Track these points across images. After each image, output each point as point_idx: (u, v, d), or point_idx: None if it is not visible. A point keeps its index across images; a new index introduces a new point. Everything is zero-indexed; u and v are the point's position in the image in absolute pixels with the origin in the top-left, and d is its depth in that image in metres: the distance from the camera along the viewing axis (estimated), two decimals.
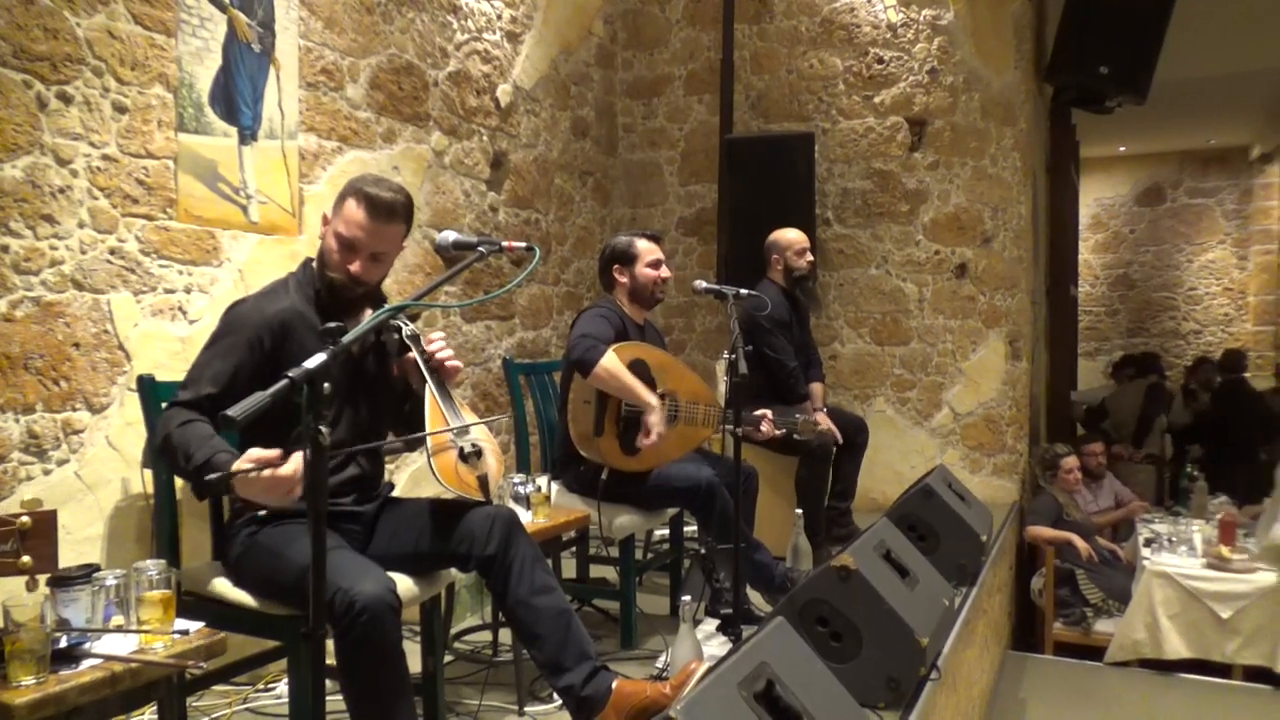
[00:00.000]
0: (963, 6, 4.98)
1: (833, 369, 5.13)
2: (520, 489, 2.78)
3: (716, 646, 2.68)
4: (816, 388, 4.09)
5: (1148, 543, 5.09)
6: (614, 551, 3.24)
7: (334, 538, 1.95)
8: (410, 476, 3.57)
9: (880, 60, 5.10)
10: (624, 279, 3.17)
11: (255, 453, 1.73)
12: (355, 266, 2.11)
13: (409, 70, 3.65)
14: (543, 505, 2.78)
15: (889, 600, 2.33)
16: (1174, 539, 5.02)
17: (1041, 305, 6.50)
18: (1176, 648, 4.57)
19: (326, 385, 1.32)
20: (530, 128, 4.55)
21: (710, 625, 2.84)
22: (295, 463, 1.72)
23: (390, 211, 2.11)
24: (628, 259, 3.16)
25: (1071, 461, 5.41)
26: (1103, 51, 5.41)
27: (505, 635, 2.96)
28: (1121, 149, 10.99)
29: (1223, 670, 4.57)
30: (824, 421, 3.69)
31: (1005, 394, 5.06)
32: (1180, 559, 4.79)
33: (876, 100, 5.12)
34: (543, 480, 2.83)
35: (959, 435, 5.08)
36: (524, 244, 1.91)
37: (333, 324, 1.40)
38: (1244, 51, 7.56)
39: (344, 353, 1.41)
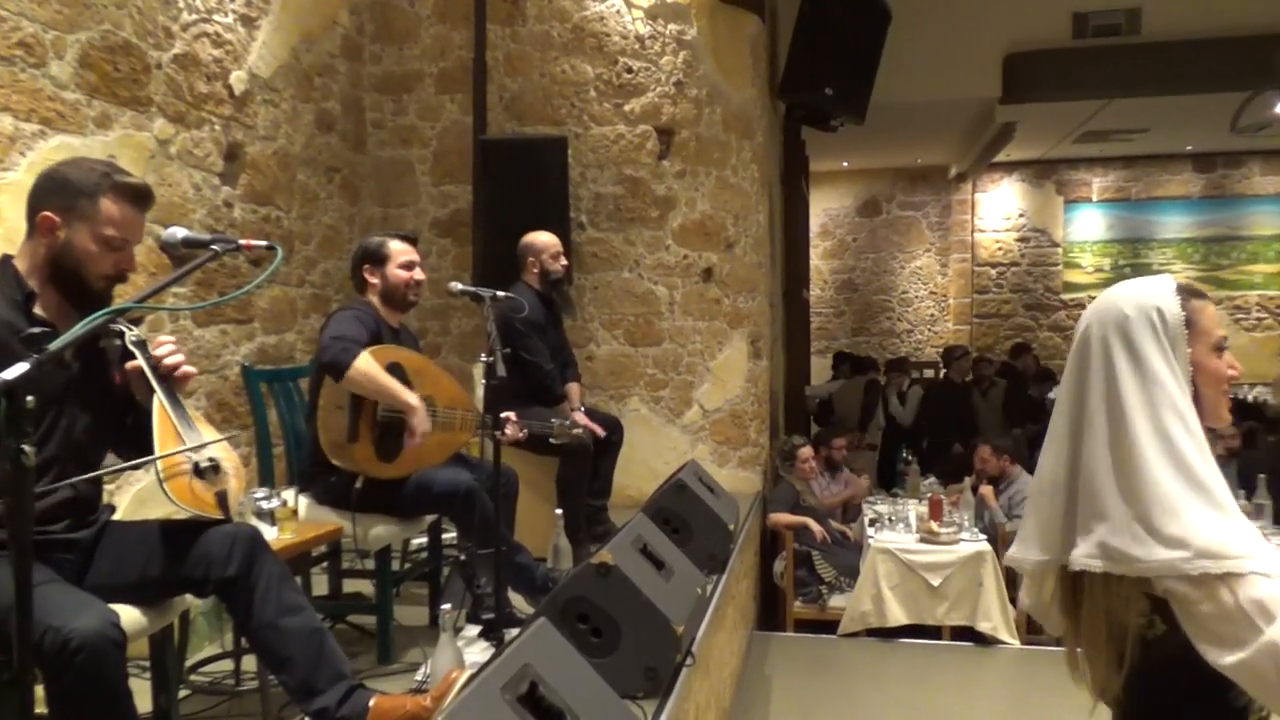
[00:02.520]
0: (705, 24, 5.24)
1: (589, 370, 5.23)
2: (263, 504, 2.61)
3: (479, 653, 2.64)
4: (573, 389, 4.15)
5: (872, 523, 5.62)
6: (369, 564, 3.11)
7: (43, 570, 1.73)
8: (134, 497, 3.23)
9: (630, 70, 5.26)
10: (375, 280, 3.06)
11: None
12: (126, 263, 1.96)
13: (127, 49, 3.31)
14: (289, 520, 2.62)
15: (646, 592, 2.40)
16: (893, 518, 5.58)
17: (779, 307, 6.99)
18: (897, 615, 5.07)
19: (30, 398, 1.17)
20: (269, 119, 4.27)
21: (472, 632, 2.80)
22: None
23: (148, 195, 1.99)
24: (379, 259, 3.05)
25: (807, 452, 5.86)
26: (828, 74, 5.90)
27: (250, 662, 2.76)
28: (845, 164, 12.04)
29: (934, 632, 5.13)
30: (582, 421, 3.75)
31: (748, 391, 5.39)
32: (898, 535, 5.33)
33: (627, 108, 5.28)
34: (289, 494, 2.67)
35: (708, 431, 5.35)
36: (264, 242, 1.80)
37: (36, 329, 1.24)
38: (943, 81, 8.53)
39: (52, 361, 1.25)
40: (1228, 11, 7.83)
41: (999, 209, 12.30)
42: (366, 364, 2.73)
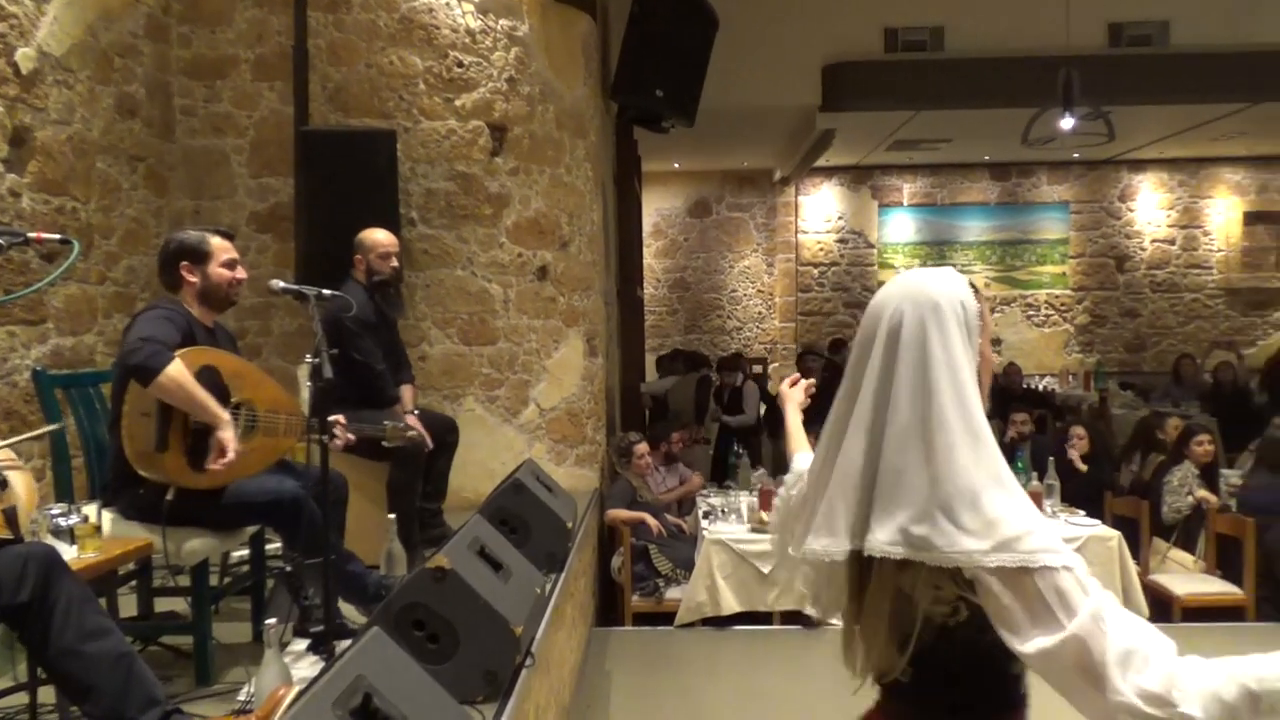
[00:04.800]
0: (536, 21, 5.22)
1: (422, 370, 5.10)
2: (60, 521, 2.39)
3: (308, 668, 2.53)
4: (406, 390, 4.04)
5: (706, 515, 5.77)
6: (184, 580, 2.91)
7: None
8: None
9: (460, 64, 5.16)
10: (194, 279, 2.86)
11: None
12: None
13: None
14: (91, 537, 2.42)
15: (484, 595, 2.37)
16: (726, 509, 5.75)
17: (613, 305, 7.06)
18: (730, 603, 5.23)
19: None
20: (63, 101, 3.92)
21: (300, 646, 2.68)
22: None
23: None
24: (199, 256, 2.86)
25: (643, 448, 5.95)
26: (658, 76, 6.02)
27: (47, 694, 2.53)
28: (676, 165, 12.31)
29: (766, 618, 5.33)
30: (415, 425, 3.65)
31: (585, 389, 5.41)
32: (731, 526, 5.50)
33: (458, 103, 5.18)
34: (90, 509, 2.46)
35: (545, 430, 5.33)
36: (58, 236, 1.66)
37: None
38: (767, 88, 8.88)
39: None
40: (1020, 34, 8.55)
41: (820, 212, 12.92)
42: (177, 370, 2.55)
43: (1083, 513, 5.63)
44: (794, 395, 1.83)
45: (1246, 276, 12.67)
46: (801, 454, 1.65)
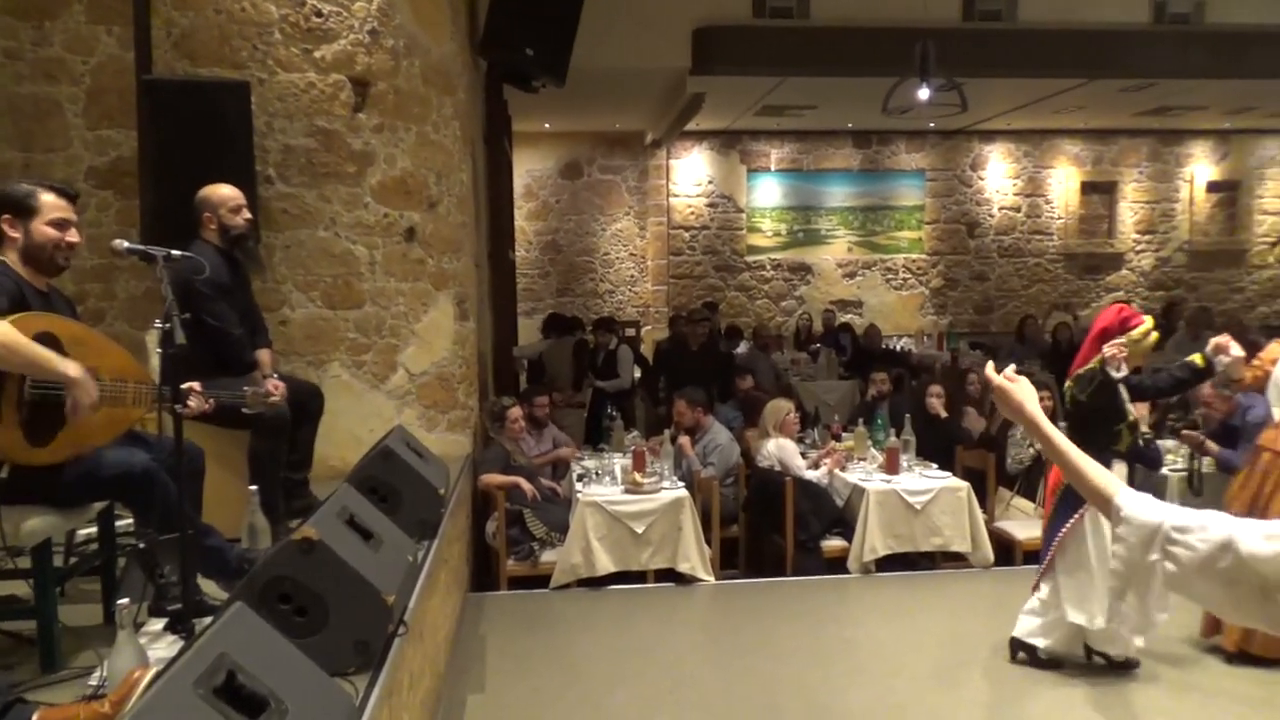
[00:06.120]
0: None
1: (283, 335, 4.89)
2: None
3: (166, 648, 2.43)
4: (264, 355, 3.88)
5: (580, 478, 5.80)
6: (24, 562, 2.73)
7: None
8: None
9: (319, 13, 4.91)
10: (16, 234, 2.63)
11: None
12: None
13: None
14: None
15: (354, 565, 2.32)
16: (600, 472, 5.80)
17: (484, 268, 6.95)
18: (605, 564, 5.31)
19: None
20: None
21: (156, 626, 2.56)
22: None
23: None
24: (24, 210, 2.63)
25: (516, 412, 5.91)
26: (528, 34, 5.91)
27: None
28: (547, 126, 12.15)
29: (639, 577, 5.43)
30: (276, 391, 3.51)
31: (456, 353, 5.32)
32: (605, 488, 5.55)
33: (317, 55, 4.93)
34: None
35: (415, 395, 5.22)
36: None
37: None
38: (638, 50, 8.85)
39: None
40: (882, 5, 8.81)
41: (691, 175, 13.04)
42: (8, 334, 2.36)
43: (935, 465, 5.97)
44: (1029, 393, 1.61)
45: (1083, 242, 13.58)
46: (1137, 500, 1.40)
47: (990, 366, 1.73)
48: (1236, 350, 4.15)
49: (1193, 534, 1.24)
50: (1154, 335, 4.28)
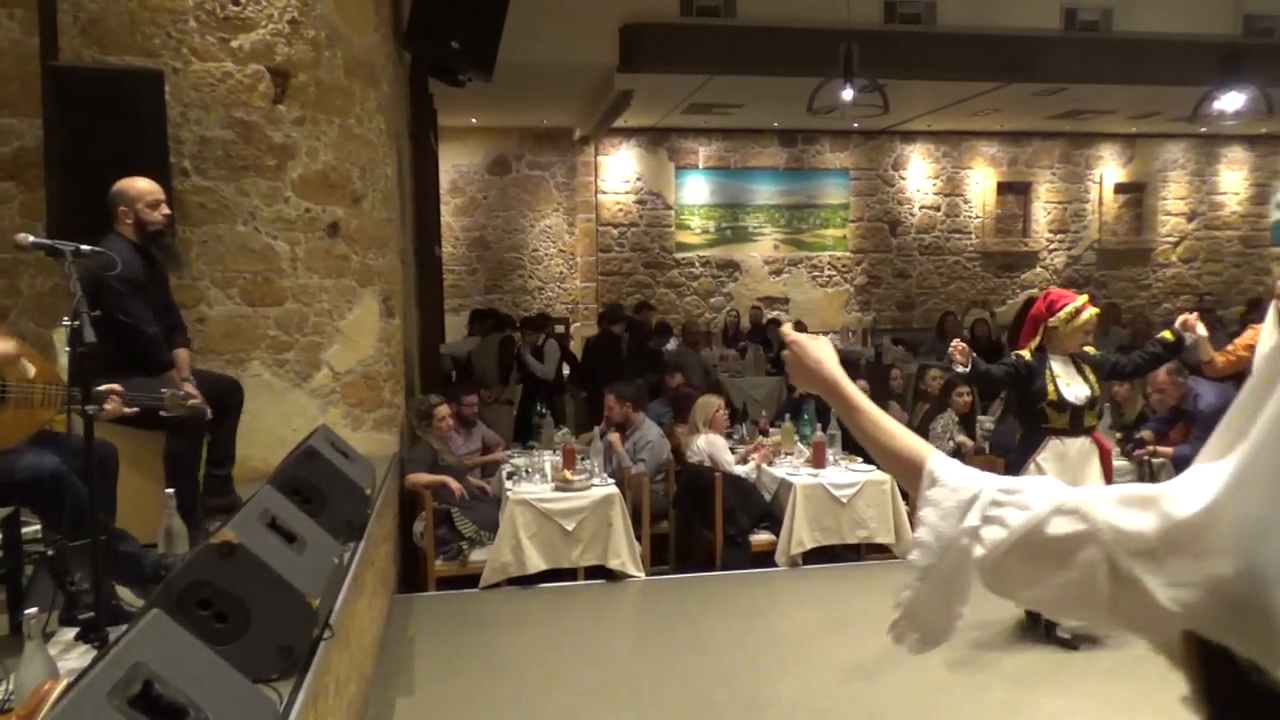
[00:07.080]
0: None
1: (200, 333, 4.74)
2: None
3: (78, 658, 2.33)
4: (182, 354, 3.76)
5: (509, 475, 5.77)
6: None
7: None
8: None
9: (236, 1, 4.77)
10: None
11: None
12: None
13: None
14: None
15: (276, 569, 2.27)
16: (530, 470, 5.77)
17: (411, 264, 6.85)
18: (535, 562, 5.28)
19: None
20: None
21: (67, 635, 2.46)
22: None
23: None
24: None
25: (444, 410, 5.85)
26: (454, 27, 5.83)
27: None
28: (473, 121, 12.02)
29: (570, 574, 5.42)
30: (194, 392, 3.41)
31: (381, 351, 5.23)
32: (535, 486, 5.53)
33: (234, 44, 4.79)
34: None
35: (339, 394, 5.11)
36: None
37: None
38: (566, 45, 8.82)
39: None
40: (807, 6, 8.93)
41: (619, 172, 13.04)
42: None
43: (860, 459, 6.09)
44: (826, 350, 1.37)
45: (999, 241, 14.00)
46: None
47: (788, 325, 1.54)
48: (1201, 330, 4.35)
49: (1024, 494, 0.98)
50: (1089, 313, 4.43)
